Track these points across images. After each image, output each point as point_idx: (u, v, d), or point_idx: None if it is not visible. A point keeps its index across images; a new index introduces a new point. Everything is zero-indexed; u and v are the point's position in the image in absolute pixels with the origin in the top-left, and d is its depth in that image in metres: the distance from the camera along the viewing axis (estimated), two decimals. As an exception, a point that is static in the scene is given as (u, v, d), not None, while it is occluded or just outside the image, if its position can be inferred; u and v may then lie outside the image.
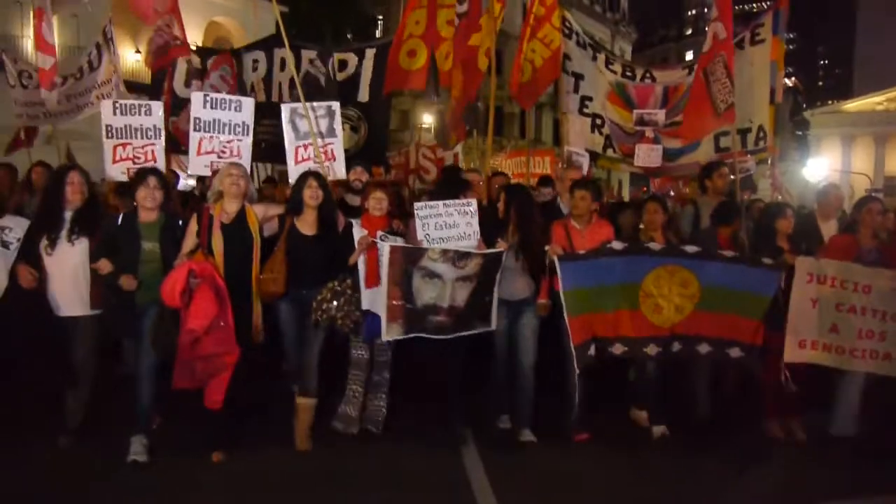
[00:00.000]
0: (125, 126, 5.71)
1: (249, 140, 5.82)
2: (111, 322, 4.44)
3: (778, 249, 4.94)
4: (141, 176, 4.47)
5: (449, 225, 4.69)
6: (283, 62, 6.89)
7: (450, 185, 5.14)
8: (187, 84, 6.81)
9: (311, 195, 4.62)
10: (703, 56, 6.12)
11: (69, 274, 4.40)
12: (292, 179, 5.70)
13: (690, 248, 4.80)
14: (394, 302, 4.51)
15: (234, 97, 5.93)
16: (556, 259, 4.59)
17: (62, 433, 4.48)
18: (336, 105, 5.86)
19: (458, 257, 4.56)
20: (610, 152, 7.46)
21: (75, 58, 7.21)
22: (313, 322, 4.49)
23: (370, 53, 6.97)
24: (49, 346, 4.37)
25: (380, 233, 4.59)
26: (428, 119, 8.34)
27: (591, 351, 4.67)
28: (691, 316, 4.76)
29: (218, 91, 6.37)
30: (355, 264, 4.60)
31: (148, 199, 4.38)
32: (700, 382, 5.11)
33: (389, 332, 4.55)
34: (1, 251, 4.37)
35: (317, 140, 5.74)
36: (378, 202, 4.71)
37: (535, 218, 4.80)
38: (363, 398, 4.74)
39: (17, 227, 4.41)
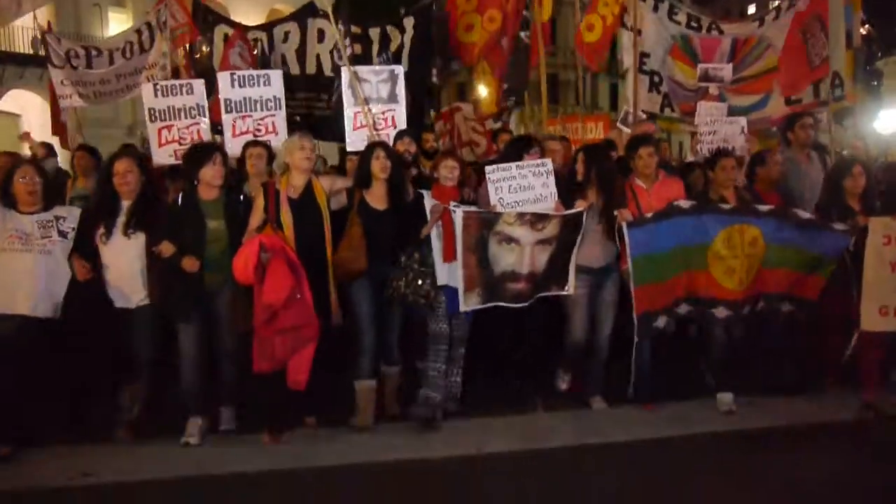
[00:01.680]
0: (168, 108, 5.54)
1: (283, 113, 5.61)
2: (172, 310, 4.22)
3: (848, 209, 4.67)
4: (205, 153, 4.31)
5: (524, 187, 4.47)
6: (320, 33, 6.64)
7: (517, 145, 4.89)
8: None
9: (381, 167, 4.40)
10: (800, 14, 5.91)
11: (126, 265, 4.25)
12: (350, 147, 5.60)
13: (763, 207, 4.59)
14: (470, 270, 4.36)
15: (261, 72, 5.72)
16: (624, 225, 4.41)
17: (120, 426, 4.33)
18: (399, 69, 5.63)
19: (536, 220, 4.39)
20: (668, 111, 7.10)
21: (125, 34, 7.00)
22: (386, 299, 4.34)
23: (409, 23, 6.69)
24: (106, 338, 4.28)
25: (452, 203, 4.39)
26: (483, 92, 8.16)
27: (659, 322, 4.55)
28: (758, 276, 4.60)
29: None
30: (427, 238, 4.41)
31: (217, 177, 4.25)
32: (776, 349, 4.92)
33: (468, 302, 4.41)
34: (60, 241, 4.21)
35: (359, 106, 5.45)
36: (450, 171, 4.49)
37: (616, 180, 4.58)
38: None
39: (70, 217, 4.30)
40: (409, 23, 6.71)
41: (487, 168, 4.57)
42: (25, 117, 19.24)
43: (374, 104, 5.55)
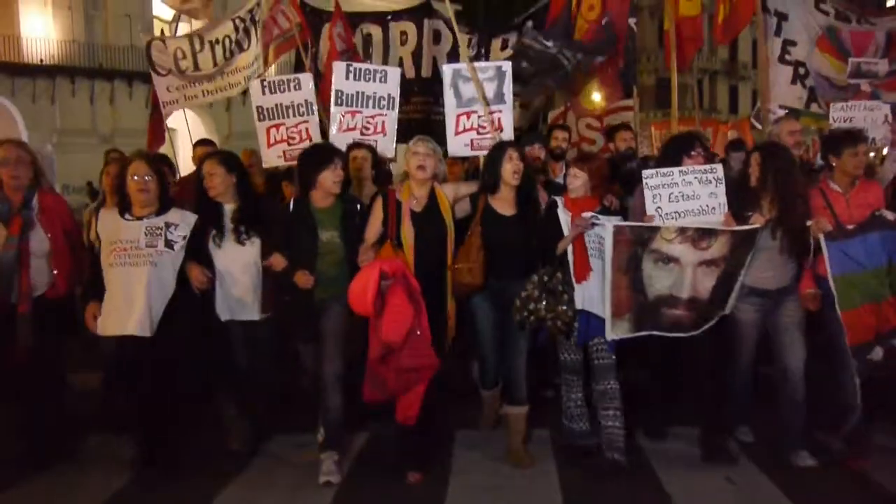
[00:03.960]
0: (276, 105, 5.21)
1: (395, 115, 5.20)
2: (287, 326, 3.91)
3: None
4: (325, 156, 3.87)
5: (687, 196, 3.77)
6: (435, 35, 6.29)
7: (677, 145, 4.11)
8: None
9: (514, 170, 3.87)
10: None
11: (238, 275, 3.96)
12: (452, 151, 5.10)
13: None
14: (620, 293, 3.71)
15: (378, 67, 5.33)
16: (821, 238, 3.67)
17: (232, 454, 3.97)
18: (507, 66, 5.05)
19: (701, 236, 3.70)
20: (814, 107, 6.26)
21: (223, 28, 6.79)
22: (517, 323, 3.77)
23: (528, 26, 6.28)
24: (216, 356, 3.90)
25: (589, 213, 3.76)
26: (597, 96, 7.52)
27: (874, 354, 3.73)
28: None
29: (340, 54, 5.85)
30: (565, 254, 3.82)
31: (337, 184, 3.82)
32: None
33: (615, 330, 3.75)
34: (167, 252, 3.73)
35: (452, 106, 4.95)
36: (573, 179, 3.86)
37: (798, 187, 3.83)
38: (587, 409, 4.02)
39: (183, 224, 3.84)
40: (528, 26, 6.33)
41: (645, 173, 3.89)
42: (181, 132, 20.38)
43: (479, 105, 5.03)
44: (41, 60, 24.50)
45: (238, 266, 3.95)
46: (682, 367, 4.12)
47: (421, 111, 6.26)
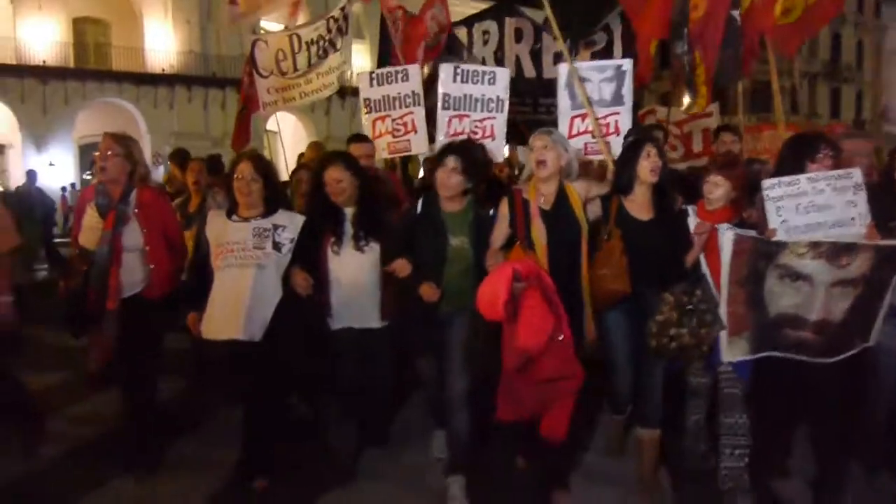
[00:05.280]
0: (383, 97, 5.18)
1: (504, 117, 5.03)
2: (407, 337, 3.72)
3: None
4: (439, 154, 3.70)
5: (819, 207, 3.34)
6: (517, 33, 6.08)
7: (798, 148, 3.59)
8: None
9: (652, 168, 3.51)
10: None
11: (355, 281, 3.74)
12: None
13: None
14: (737, 308, 3.34)
15: (487, 68, 5.17)
16: None
17: (337, 462, 3.79)
18: (628, 64, 4.76)
19: (838, 252, 3.25)
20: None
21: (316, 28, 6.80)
22: (653, 350, 3.40)
23: (616, 24, 6.04)
24: (328, 366, 3.74)
25: (725, 225, 3.39)
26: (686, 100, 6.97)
27: None
28: None
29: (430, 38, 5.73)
30: (699, 266, 3.48)
31: (444, 185, 3.59)
32: None
33: (732, 351, 3.37)
34: (275, 255, 3.61)
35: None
36: (714, 188, 3.45)
37: None
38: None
39: (290, 226, 3.69)
40: (615, 24, 6.07)
41: (765, 183, 3.48)
42: (282, 134, 21.28)
43: (596, 107, 4.72)
44: (162, 70, 26.25)
45: (356, 273, 3.75)
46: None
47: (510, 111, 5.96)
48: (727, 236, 3.29)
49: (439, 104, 5.04)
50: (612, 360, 3.61)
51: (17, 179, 22.59)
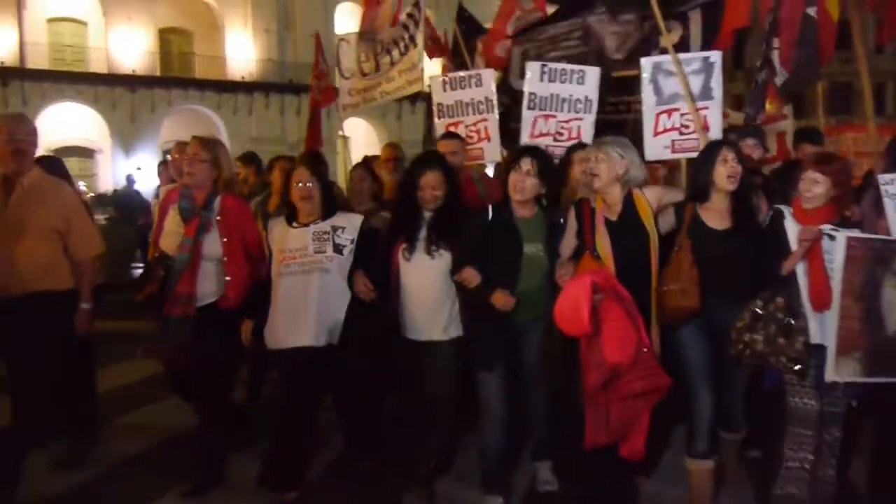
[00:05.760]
0: (455, 103, 5.04)
1: (592, 119, 4.80)
2: (474, 354, 3.45)
3: None
4: (514, 156, 3.51)
5: None
6: (585, 31, 5.67)
7: None
8: None
9: (729, 173, 3.22)
10: None
11: (425, 290, 3.52)
12: (650, 155, 4.50)
13: None
14: (851, 324, 2.98)
15: (576, 67, 4.92)
16: None
17: (417, 483, 3.58)
18: (716, 55, 4.45)
19: None
20: None
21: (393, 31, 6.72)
22: (733, 356, 3.14)
23: (695, 16, 5.48)
24: (397, 377, 3.62)
25: (826, 226, 3.07)
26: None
27: None
28: None
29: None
30: (793, 276, 3.13)
31: (518, 189, 3.38)
32: None
33: (840, 370, 3.02)
34: (336, 258, 3.52)
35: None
36: (812, 185, 3.09)
37: None
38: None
39: (349, 227, 3.59)
40: (695, 16, 5.53)
41: (882, 177, 3.17)
42: (354, 139, 21.94)
43: (682, 102, 4.44)
44: (242, 77, 27.19)
45: (426, 280, 3.52)
46: None
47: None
48: (839, 240, 2.95)
49: (524, 104, 4.86)
50: (691, 382, 3.27)
51: (105, 183, 23.91)
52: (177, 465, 3.88)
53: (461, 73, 5.20)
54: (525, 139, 4.78)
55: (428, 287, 3.51)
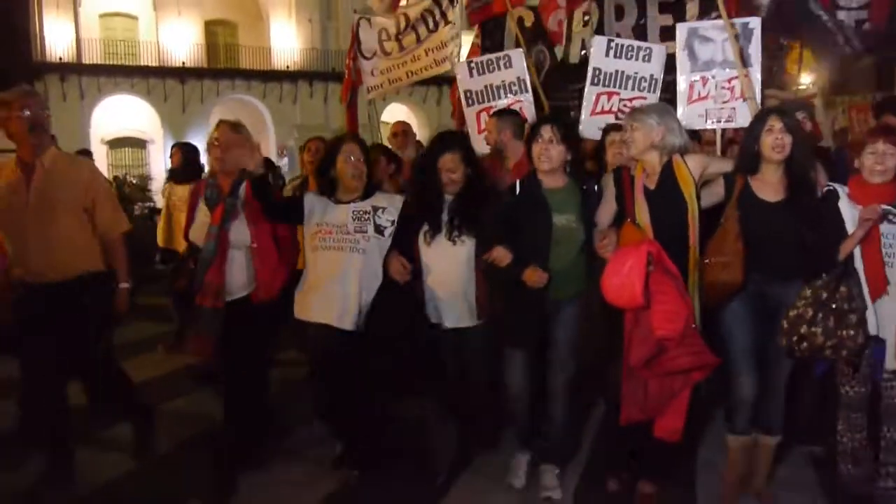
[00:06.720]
0: (485, 87, 5.00)
1: (656, 97, 4.70)
2: (504, 331, 3.37)
3: None
4: (532, 129, 3.43)
5: None
6: (618, 10, 5.68)
7: None
8: None
9: (774, 144, 3.03)
10: None
11: (448, 275, 3.47)
12: (686, 125, 4.45)
13: None
14: None
15: (643, 44, 4.85)
16: None
17: (442, 467, 3.60)
18: (755, 21, 4.34)
19: None
20: None
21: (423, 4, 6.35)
22: (784, 348, 3.01)
23: None
24: (424, 362, 3.49)
25: (883, 207, 2.92)
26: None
27: None
28: None
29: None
30: (850, 262, 2.99)
31: (544, 158, 3.29)
32: None
33: None
34: (375, 238, 3.46)
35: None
36: (882, 158, 2.95)
37: None
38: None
39: (390, 208, 3.52)
40: None
41: None
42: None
43: (718, 69, 4.35)
44: (287, 67, 27.57)
45: (448, 266, 3.47)
46: None
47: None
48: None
49: (588, 79, 4.78)
50: (733, 359, 3.15)
51: (158, 173, 24.60)
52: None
53: (489, 56, 5.13)
54: (586, 116, 4.71)
55: (451, 273, 3.47)
